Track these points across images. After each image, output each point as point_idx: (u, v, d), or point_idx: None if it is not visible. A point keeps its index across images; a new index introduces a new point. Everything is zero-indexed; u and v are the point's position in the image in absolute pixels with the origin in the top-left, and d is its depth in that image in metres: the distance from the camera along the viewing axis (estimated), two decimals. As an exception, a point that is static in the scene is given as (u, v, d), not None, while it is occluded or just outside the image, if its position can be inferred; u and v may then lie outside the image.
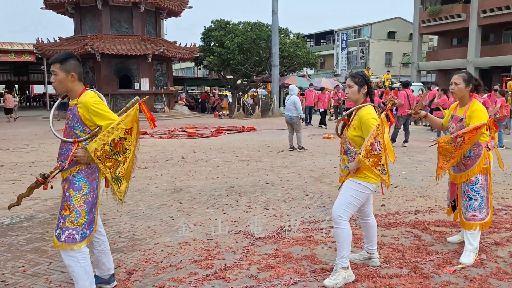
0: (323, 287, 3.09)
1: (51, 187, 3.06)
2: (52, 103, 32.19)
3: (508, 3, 29.58)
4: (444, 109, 12.17)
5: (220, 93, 33.85)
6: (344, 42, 44.35)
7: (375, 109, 3.23)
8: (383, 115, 3.13)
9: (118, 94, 22.02)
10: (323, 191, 6.06)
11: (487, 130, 3.53)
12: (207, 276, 3.28)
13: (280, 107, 24.12)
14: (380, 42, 45.35)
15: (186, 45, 24.31)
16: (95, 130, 2.75)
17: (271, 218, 4.79)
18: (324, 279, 3.17)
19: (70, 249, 2.65)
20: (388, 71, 27.79)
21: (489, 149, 3.72)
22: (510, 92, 15.22)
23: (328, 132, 13.69)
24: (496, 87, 14.83)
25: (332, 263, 3.46)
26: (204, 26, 26.07)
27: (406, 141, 10.92)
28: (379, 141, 3.04)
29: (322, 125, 16.53)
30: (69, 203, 2.68)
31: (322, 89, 17.38)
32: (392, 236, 4.17)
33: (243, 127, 15.71)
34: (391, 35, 46.91)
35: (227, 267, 3.44)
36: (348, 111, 3.37)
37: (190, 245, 3.97)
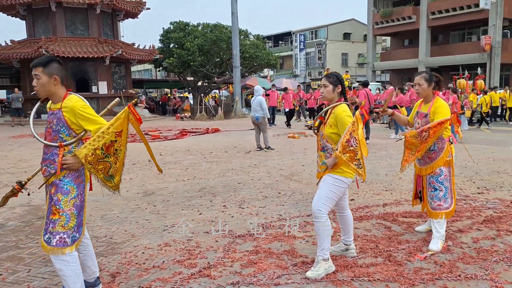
0: (306, 279, 3.22)
1: (28, 194, 3.02)
2: (4, 108, 30.70)
3: (455, 6, 31.24)
4: (401, 107, 12.67)
5: (181, 95, 33.53)
6: (302, 43, 45.15)
7: (349, 107, 3.41)
8: (357, 112, 3.31)
9: (75, 98, 21.33)
10: (295, 188, 6.23)
11: (450, 125, 3.80)
12: (192, 274, 3.33)
13: (242, 108, 24.25)
14: (336, 43, 46.55)
15: (145, 47, 23.95)
16: (81, 134, 2.74)
17: (247, 217, 4.89)
18: (306, 271, 3.30)
19: (61, 253, 2.64)
20: (347, 71, 28.62)
21: (451, 142, 4.01)
22: (460, 90, 16.16)
23: (292, 131, 13.94)
24: (450, 85, 15.67)
25: (312, 256, 3.61)
26: (163, 28, 25.82)
27: (367, 138, 11.34)
28: (355, 137, 3.20)
29: (288, 125, 16.52)
30: (57, 207, 2.67)
31: (285, 89, 17.62)
32: (364, 228, 4.38)
33: (208, 128, 15.70)
34: (346, 36, 48.25)
35: (211, 265, 3.51)
36: (323, 110, 3.53)
37: (170, 246, 4.00)
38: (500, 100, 18.84)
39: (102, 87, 21.85)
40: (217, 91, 30.78)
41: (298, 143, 11.40)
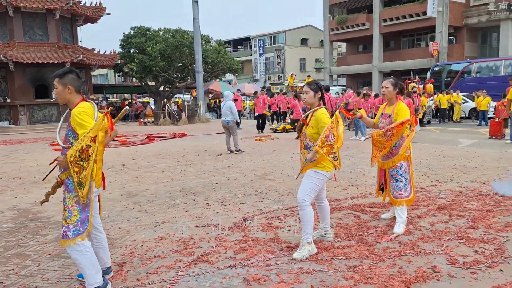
0: (293, 260, 3.72)
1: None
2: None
3: (405, 13, 33.13)
4: (359, 109, 13.51)
5: (142, 100, 33.32)
6: (261, 48, 46.02)
7: (327, 110, 3.96)
8: (337, 112, 3.86)
9: (35, 105, 20.93)
10: (270, 186, 6.73)
11: (409, 125, 4.44)
12: (192, 261, 3.75)
13: (206, 112, 24.56)
14: (295, 49, 47.80)
15: (105, 52, 23.76)
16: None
17: (231, 212, 5.33)
18: (292, 254, 3.80)
19: (66, 244, 2.96)
20: (309, 76, 29.57)
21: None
22: (424, 93, 17.38)
23: (259, 135, 14.47)
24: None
25: (295, 242, 4.12)
26: (124, 33, 25.69)
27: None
28: (333, 134, 3.74)
29: (260, 130, 16.25)
30: (64, 203, 3.00)
31: (255, 93, 17.99)
32: (337, 217, 4.95)
33: (175, 133, 15.94)
34: (304, 41, 49.64)
35: (207, 253, 3.93)
36: (305, 114, 4.05)
37: (166, 239, 4.38)
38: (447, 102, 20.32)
39: (63, 93, 21.45)
40: (180, 95, 30.88)
41: (265, 146, 11.94)
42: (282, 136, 14.43)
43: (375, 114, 4.81)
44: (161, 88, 27.88)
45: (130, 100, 33.07)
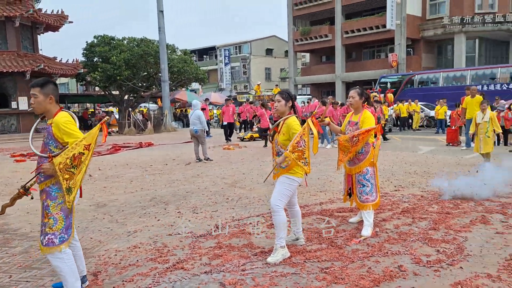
0: (267, 264, 3.83)
1: (32, 198, 3.31)
2: None
3: (365, 26, 34.28)
4: (325, 117, 13.76)
5: (106, 109, 32.66)
6: (227, 58, 46.24)
7: (297, 118, 4.12)
8: (309, 120, 4.02)
9: (-7, 115, 20.10)
10: (240, 194, 6.82)
11: (375, 133, 4.67)
12: (167, 268, 3.78)
13: (172, 121, 24.39)
14: (260, 58, 48.35)
15: (67, 60, 23.20)
16: (66, 146, 3.10)
17: (203, 220, 5.39)
18: (266, 258, 3.91)
19: (51, 252, 2.96)
20: (277, 85, 29.92)
21: (374, 147, 4.88)
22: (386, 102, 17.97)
23: (227, 144, 14.54)
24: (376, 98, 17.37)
25: (268, 247, 4.23)
26: (87, 42, 25.18)
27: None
28: (304, 140, 3.89)
29: (228, 139, 15.97)
30: (47, 211, 3.00)
31: (226, 100, 17.97)
32: (307, 222, 5.10)
33: (141, 143, 15.76)
34: (269, 52, 50.30)
35: (182, 260, 3.98)
36: (277, 122, 4.19)
37: (139, 248, 4.38)
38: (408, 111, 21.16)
39: (23, 103, 20.78)
40: (145, 104, 30.50)
41: (234, 154, 12.03)
42: (250, 145, 14.56)
43: (341, 122, 5.05)
44: (126, 97, 27.46)
45: (92, 110, 32.31)
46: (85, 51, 25.23)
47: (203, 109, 13.90)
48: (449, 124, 16.51)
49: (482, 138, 8.53)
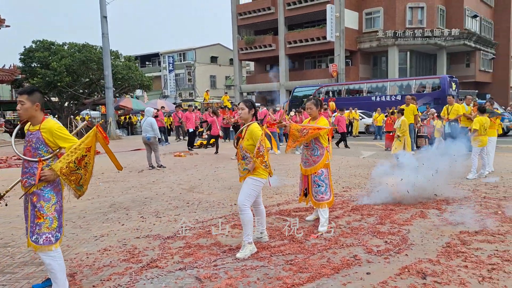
0: (237, 259, 4.14)
1: (6, 205, 3.39)
2: None
3: (307, 37, 35.67)
4: (274, 121, 14.12)
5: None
6: (171, 65, 45.85)
7: (259, 125, 4.48)
8: (264, 126, 4.40)
9: None
10: (200, 198, 7.06)
11: (328, 136, 5.16)
12: (142, 267, 3.97)
13: (116, 129, 23.87)
14: (205, 66, 48.45)
15: (4, 66, 22.03)
16: (57, 150, 3.26)
17: (168, 223, 5.58)
18: (235, 254, 4.22)
19: (48, 249, 3.12)
20: (226, 93, 30.18)
21: (328, 151, 5.37)
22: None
23: (178, 150, 14.60)
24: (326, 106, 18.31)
25: (235, 245, 4.54)
26: (24, 46, 24.04)
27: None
28: (263, 145, 4.27)
29: (190, 147, 15.44)
30: (42, 212, 3.14)
31: (193, 107, 17.78)
32: (268, 222, 5.45)
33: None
34: (213, 59, 50.55)
35: (155, 259, 4.18)
36: (240, 129, 4.53)
37: (110, 250, 4.51)
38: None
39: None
40: (86, 112, 29.53)
41: (186, 161, 12.17)
42: (201, 152, 14.74)
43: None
44: (66, 104, 26.48)
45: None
46: (22, 56, 24.07)
47: (155, 116, 13.92)
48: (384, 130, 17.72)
49: (395, 141, 9.62)
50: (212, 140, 15.86)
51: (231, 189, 7.79)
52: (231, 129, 18.21)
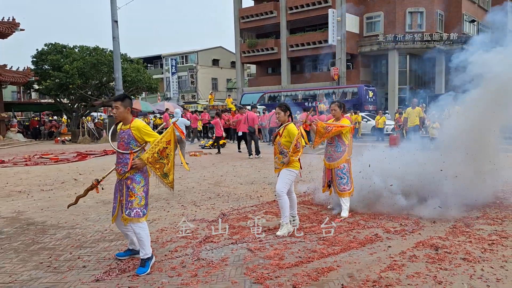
0: (277, 236, 4.91)
1: (102, 189, 4.16)
2: None
3: (309, 41, 36.53)
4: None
5: (56, 118, 31.92)
6: (173, 67, 46.62)
7: (295, 125, 5.27)
8: (301, 127, 5.19)
9: None
10: (227, 192, 7.82)
11: (351, 132, 5.95)
12: (200, 242, 4.75)
13: (126, 130, 24.58)
14: (207, 68, 49.24)
15: (18, 68, 22.75)
16: (143, 144, 4.04)
17: (207, 211, 6.35)
18: (275, 233, 4.99)
19: (137, 221, 3.88)
20: (229, 95, 30.98)
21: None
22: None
23: (193, 150, 15.37)
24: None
25: (272, 225, 5.31)
26: (37, 49, 24.77)
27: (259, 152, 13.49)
28: (299, 142, 5.05)
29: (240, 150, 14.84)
30: (133, 192, 3.91)
31: (240, 108, 18.33)
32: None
33: (105, 150, 16.13)
34: (215, 62, 51.35)
35: (208, 237, 4.95)
36: (279, 128, 5.30)
37: (166, 230, 5.29)
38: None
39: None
40: (101, 113, 30.25)
41: (203, 160, 12.94)
42: (213, 151, 15.50)
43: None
44: (76, 105, 27.19)
45: (37, 118, 31.41)
46: (34, 59, 24.80)
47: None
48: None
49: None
50: (222, 141, 16.65)
51: (253, 183, 8.56)
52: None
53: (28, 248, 4.68)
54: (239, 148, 14.98)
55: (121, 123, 4.12)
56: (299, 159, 5.12)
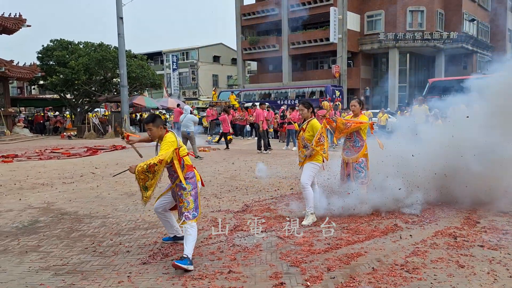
0: (302, 226, 5.20)
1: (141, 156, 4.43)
2: None
3: (310, 38, 36.79)
4: (294, 122, 15.34)
5: (60, 113, 32.08)
6: (174, 63, 46.76)
7: (318, 120, 5.56)
8: (324, 122, 5.47)
9: None
10: (245, 185, 8.10)
11: (371, 128, 6.23)
12: (231, 230, 5.02)
13: (130, 126, 24.82)
14: (207, 65, 49.42)
15: (25, 64, 22.92)
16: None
17: (229, 202, 6.63)
18: (300, 223, 5.28)
19: (188, 223, 4.08)
20: (232, 92, 31.21)
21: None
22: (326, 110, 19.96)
23: (202, 146, 15.64)
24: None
25: (296, 216, 5.60)
26: (42, 45, 24.91)
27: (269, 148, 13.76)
28: (323, 136, 5.34)
29: (259, 150, 14.20)
30: (182, 198, 4.15)
31: (253, 105, 18.44)
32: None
33: (114, 145, 16.38)
34: (216, 59, 51.52)
35: (237, 225, 5.23)
36: (303, 124, 5.58)
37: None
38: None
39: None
40: (103, 109, 30.44)
41: (213, 155, 13.21)
42: (221, 147, 15.77)
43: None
44: (80, 101, 27.39)
45: (41, 113, 31.57)
46: (40, 55, 24.96)
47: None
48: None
49: None
50: (229, 137, 16.91)
51: (268, 177, 8.85)
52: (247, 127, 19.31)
53: (69, 235, 4.96)
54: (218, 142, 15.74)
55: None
56: (325, 151, 5.38)
